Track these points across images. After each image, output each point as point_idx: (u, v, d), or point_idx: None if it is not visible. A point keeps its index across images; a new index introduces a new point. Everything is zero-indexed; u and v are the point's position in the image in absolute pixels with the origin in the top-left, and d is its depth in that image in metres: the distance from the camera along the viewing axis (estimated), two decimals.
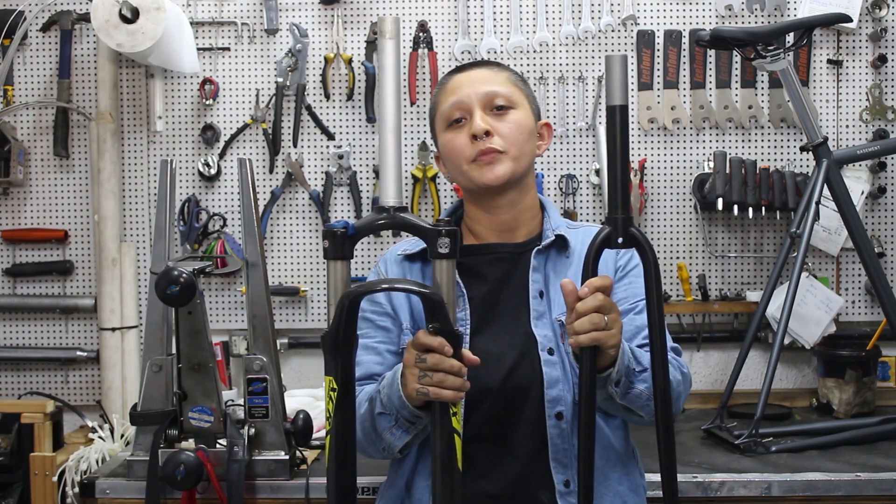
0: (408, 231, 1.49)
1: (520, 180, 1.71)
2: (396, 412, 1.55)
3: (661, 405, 1.41)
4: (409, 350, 1.47)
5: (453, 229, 1.44)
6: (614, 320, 1.45)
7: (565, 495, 1.62)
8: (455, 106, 1.69)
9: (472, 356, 1.46)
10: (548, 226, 1.75)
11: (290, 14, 2.77)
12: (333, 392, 1.39)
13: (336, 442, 1.40)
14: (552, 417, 1.63)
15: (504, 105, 1.69)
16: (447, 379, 1.41)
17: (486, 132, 1.66)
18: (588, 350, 1.42)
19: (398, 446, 1.61)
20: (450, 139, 1.71)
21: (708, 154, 2.75)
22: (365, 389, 1.66)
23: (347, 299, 1.38)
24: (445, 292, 1.43)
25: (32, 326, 2.82)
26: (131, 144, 2.80)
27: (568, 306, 1.44)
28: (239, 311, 2.79)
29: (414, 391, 1.45)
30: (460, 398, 1.43)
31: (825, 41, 2.77)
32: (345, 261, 1.43)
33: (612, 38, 2.77)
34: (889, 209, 2.79)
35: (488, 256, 1.73)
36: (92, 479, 2.15)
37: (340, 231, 1.42)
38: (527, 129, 1.70)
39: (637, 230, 1.42)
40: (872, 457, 2.22)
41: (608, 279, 1.44)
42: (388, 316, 1.73)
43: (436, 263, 1.44)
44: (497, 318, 1.69)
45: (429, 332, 1.42)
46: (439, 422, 1.43)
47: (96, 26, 2.45)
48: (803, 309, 2.64)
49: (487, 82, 1.70)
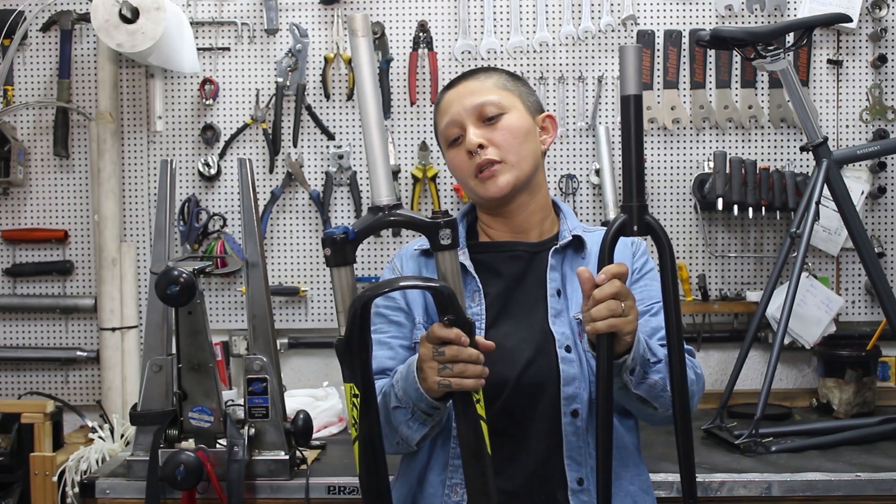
0: (407, 227, 1.50)
1: (526, 183, 1.71)
2: (413, 405, 1.55)
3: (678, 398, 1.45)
4: (423, 344, 1.48)
5: (452, 219, 1.45)
6: (630, 307, 1.46)
7: (578, 493, 1.63)
8: (449, 125, 1.71)
9: (486, 342, 1.48)
10: (564, 226, 1.76)
11: (290, 14, 2.77)
12: (356, 398, 1.40)
13: (364, 448, 1.41)
14: (568, 415, 1.63)
15: (494, 114, 1.69)
16: (468, 368, 1.43)
17: (479, 146, 1.67)
18: (605, 337, 1.44)
19: (415, 439, 1.61)
20: (452, 158, 1.73)
21: (708, 154, 2.75)
22: (378, 384, 1.66)
23: (359, 303, 1.39)
24: (452, 282, 1.44)
25: (32, 326, 2.82)
26: (131, 144, 2.80)
27: (585, 293, 1.46)
28: (239, 311, 2.79)
29: (434, 384, 1.46)
30: (482, 385, 1.45)
31: (825, 41, 2.77)
32: (348, 266, 1.43)
33: (612, 38, 2.77)
34: (889, 209, 2.79)
35: (505, 254, 1.74)
36: (92, 479, 2.15)
37: (340, 237, 1.41)
38: (522, 131, 1.70)
39: (652, 218, 1.44)
40: (872, 457, 2.22)
41: (624, 266, 1.47)
42: (402, 311, 1.74)
43: (438, 255, 1.45)
44: (512, 315, 1.70)
45: (444, 325, 1.43)
46: (464, 410, 1.44)
47: (96, 26, 2.45)
48: (803, 309, 2.64)
49: (475, 94, 1.70)
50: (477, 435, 1.43)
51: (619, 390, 1.56)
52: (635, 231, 1.43)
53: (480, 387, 1.45)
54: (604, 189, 2.72)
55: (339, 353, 1.40)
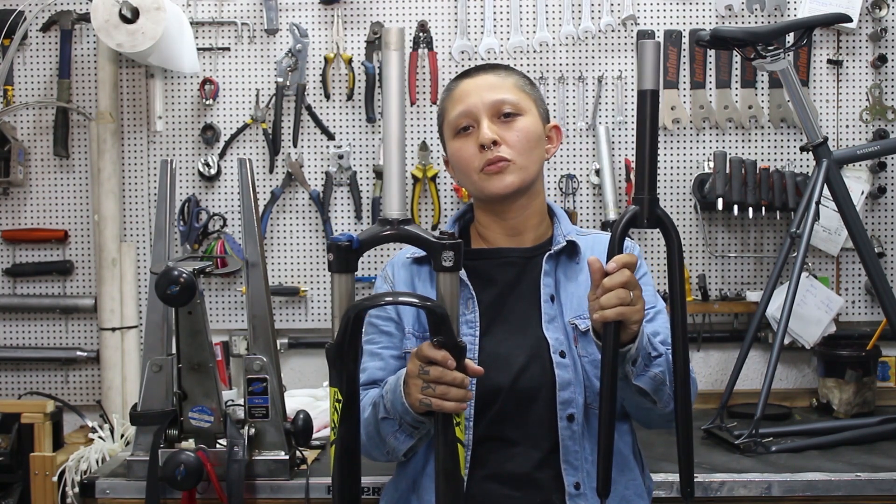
0: (413, 244, 1.50)
1: (529, 187, 1.72)
2: (400, 418, 1.57)
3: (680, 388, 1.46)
4: (412, 360, 1.48)
5: (457, 242, 1.45)
6: (638, 297, 1.47)
7: (575, 497, 1.63)
8: (462, 115, 1.69)
9: (475, 367, 1.49)
10: (558, 231, 1.76)
11: (290, 14, 2.77)
12: (338, 403, 1.41)
13: (340, 453, 1.43)
14: (564, 419, 1.64)
15: (511, 112, 1.68)
16: (450, 391, 1.43)
17: (493, 142, 1.66)
18: (612, 325, 1.45)
19: (402, 450, 1.62)
20: (458, 148, 1.71)
21: (708, 154, 2.75)
22: (369, 394, 1.68)
23: (353, 312, 1.40)
24: (449, 305, 1.44)
25: (32, 326, 2.82)
26: (131, 144, 2.80)
27: (594, 283, 1.47)
28: (239, 311, 2.79)
29: (417, 401, 1.47)
30: (463, 409, 1.45)
31: (825, 41, 2.77)
32: (349, 274, 1.44)
33: (612, 38, 2.77)
34: (889, 209, 2.79)
35: (498, 260, 1.74)
36: (92, 479, 2.15)
37: (345, 244, 1.42)
38: (534, 136, 1.70)
39: (663, 211, 1.45)
40: (872, 457, 2.22)
41: (633, 256, 1.48)
42: (393, 321, 1.75)
43: (440, 276, 1.45)
44: (506, 321, 1.70)
45: (433, 345, 1.43)
46: (442, 431, 1.45)
47: (96, 26, 2.45)
48: (803, 309, 2.64)
49: (495, 89, 1.69)
50: (452, 457, 1.44)
51: (619, 381, 1.57)
52: (645, 223, 1.44)
53: (462, 410, 1.44)
54: (604, 189, 2.72)
55: (329, 357, 1.41)
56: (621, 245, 1.47)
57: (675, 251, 1.45)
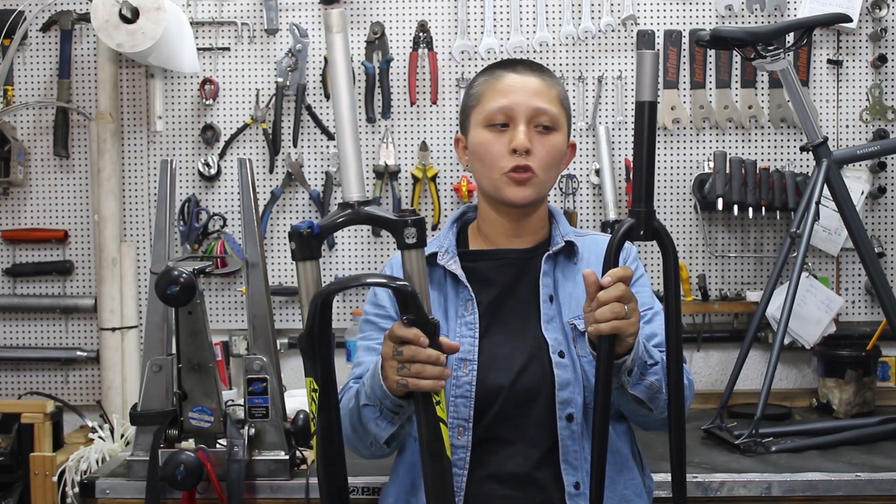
0: (373, 224, 1.50)
1: (541, 200, 1.74)
2: (380, 402, 1.56)
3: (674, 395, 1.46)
4: (386, 342, 1.48)
5: (419, 218, 1.44)
6: (633, 310, 1.47)
7: (575, 497, 1.63)
8: (502, 110, 1.67)
9: (451, 343, 1.48)
10: (557, 232, 1.76)
11: (290, 14, 2.77)
12: (315, 392, 1.41)
13: (323, 442, 1.42)
14: (563, 419, 1.64)
15: (549, 126, 1.68)
16: (425, 369, 1.42)
17: (526, 150, 1.66)
18: (607, 338, 1.45)
19: (383, 437, 1.61)
20: (487, 140, 1.69)
21: (708, 154, 2.75)
22: (355, 386, 1.67)
23: (319, 298, 1.39)
24: (417, 282, 1.43)
25: (32, 326, 2.82)
26: (131, 144, 2.80)
27: (589, 295, 1.47)
28: (239, 311, 2.79)
29: (394, 383, 1.46)
30: (441, 387, 1.44)
31: (825, 41, 2.77)
32: (314, 261, 1.44)
33: (612, 38, 2.77)
34: (889, 209, 2.79)
35: (497, 261, 1.74)
36: (92, 479, 2.15)
37: (306, 231, 1.42)
38: (560, 155, 1.71)
39: (659, 224, 1.45)
40: (872, 457, 2.22)
41: (629, 270, 1.48)
42: (391, 318, 1.74)
43: (404, 254, 1.45)
44: (506, 322, 1.70)
45: (403, 324, 1.42)
46: (423, 411, 1.44)
47: (96, 26, 2.45)
48: (803, 309, 2.64)
49: (540, 96, 1.68)
50: (436, 436, 1.43)
51: (615, 390, 1.57)
52: (642, 236, 1.44)
53: (440, 388, 1.44)
54: (604, 189, 2.72)
55: (300, 346, 1.41)
56: (617, 258, 1.46)
57: (671, 264, 1.45)
